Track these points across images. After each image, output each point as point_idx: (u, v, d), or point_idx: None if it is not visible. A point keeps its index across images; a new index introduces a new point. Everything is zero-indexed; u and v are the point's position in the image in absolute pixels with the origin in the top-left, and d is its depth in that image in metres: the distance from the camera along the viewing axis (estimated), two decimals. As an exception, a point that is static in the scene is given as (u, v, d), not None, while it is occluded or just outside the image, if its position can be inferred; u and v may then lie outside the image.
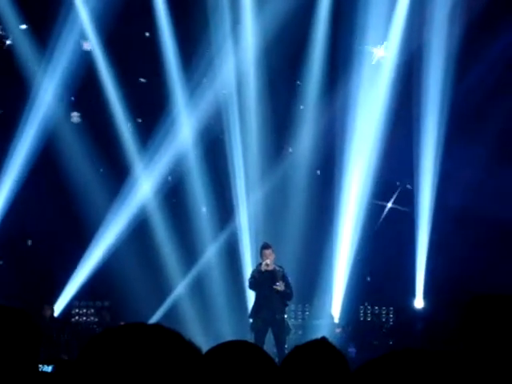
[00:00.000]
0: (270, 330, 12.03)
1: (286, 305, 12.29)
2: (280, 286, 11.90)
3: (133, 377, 1.43)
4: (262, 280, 12.00)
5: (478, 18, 15.35)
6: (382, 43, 16.02)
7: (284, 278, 12.11)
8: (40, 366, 5.10)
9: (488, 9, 15.41)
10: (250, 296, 12.78)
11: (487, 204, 15.51)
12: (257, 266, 12.48)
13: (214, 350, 2.29)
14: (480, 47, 15.60)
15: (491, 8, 15.42)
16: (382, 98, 16.06)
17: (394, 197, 16.42)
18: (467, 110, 15.86)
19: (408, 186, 16.15)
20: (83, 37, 16.07)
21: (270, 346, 11.85)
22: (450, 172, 15.83)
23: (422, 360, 1.53)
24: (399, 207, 16.30)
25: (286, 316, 12.36)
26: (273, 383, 2.26)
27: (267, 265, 11.98)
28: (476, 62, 15.72)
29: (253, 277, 12.19)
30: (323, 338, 3.04)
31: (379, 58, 16.09)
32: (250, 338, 11.39)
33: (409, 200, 16.19)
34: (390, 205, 16.48)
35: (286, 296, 12.09)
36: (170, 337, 1.50)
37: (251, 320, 12.23)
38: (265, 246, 12.34)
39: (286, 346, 11.66)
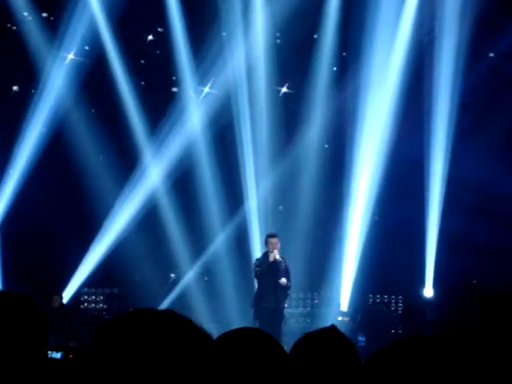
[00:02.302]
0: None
1: (287, 295, 12.42)
2: (284, 282, 12.01)
3: (144, 362, 1.42)
4: (268, 269, 12.06)
5: (488, 10, 15.28)
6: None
7: (287, 270, 12.23)
8: (49, 352, 5.10)
9: (498, 4, 15.35)
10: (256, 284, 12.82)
11: (499, 196, 15.48)
12: (262, 255, 12.51)
13: (224, 337, 2.28)
14: (491, 39, 15.53)
15: (501, 3, 15.37)
16: (393, 88, 16.01)
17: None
18: (477, 100, 15.81)
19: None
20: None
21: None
22: (461, 163, 15.79)
23: (432, 346, 1.51)
24: None
25: (286, 306, 12.48)
26: (283, 370, 2.25)
27: (277, 253, 12.06)
28: (487, 54, 15.66)
29: (259, 266, 12.22)
30: (332, 326, 3.04)
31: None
32: (255, 325, 11.42)
33: (420, 189, 16.15)
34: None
35: (287, 288, 12.27)
36: (181, 322, 1.48)
37: (254, 308, 12.29)
38: (271, 235, 12.39)
39: (282, 335, 11.66)
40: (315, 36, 16.53)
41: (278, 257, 12.11)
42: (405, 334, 14.88)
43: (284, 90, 16.71)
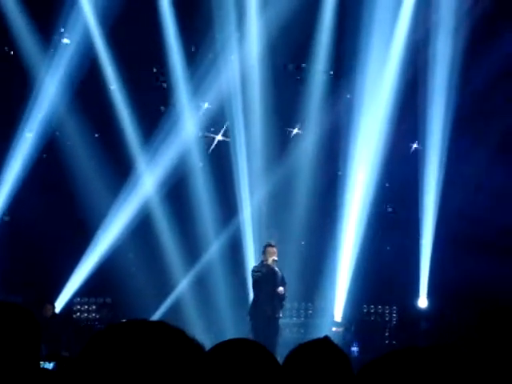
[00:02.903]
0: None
1: (283, 306, 12.49)
2: (282, 291, 12.07)
3: (136, 373, 1.41)
4: (267, 277, 12.11)
5: (484, 17, 15.35)
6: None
7: (283, 279, 12.32)
8: (41, 362, 5.08)
9: (494, 8, 15.40)
10: (252, 292, 12.83)
11: (493, 203, 15.51)
12: (260, 263, 12.57)
13: (216, 348, 2.27)
14: (487, 45, 15.58)
15: (498, 8, 15.41)
16: (388, 95, 16.04)
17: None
18: (472, 104, 15.85)
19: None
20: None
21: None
22: (455, 170, 15.83)
23: (426, 357, 1.51)
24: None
25: (281, 316, 12.53)
26: (275, 381, 2.24)
27: (274, 260, 12.14)
28: (483, 59, 15.71)
29: (259, 271, 12.27)
30: (326, 337, 3.04)
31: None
32: (250, 336, 11.41)
33: (414, 196, 16.16)
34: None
35: (283, 298, 12.37)
36: (173, 334, 1.48)
37: (250, 317, 12.31)
38: (270, 244, 12.49)
39: (277, 346, 11.64)
40: (310, 43, 16.55)
41: (274, 265, 12.21)
42: (399, 344, 14.88)
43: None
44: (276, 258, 12.25)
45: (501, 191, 15.72)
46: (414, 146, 16.71)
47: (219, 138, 16.63)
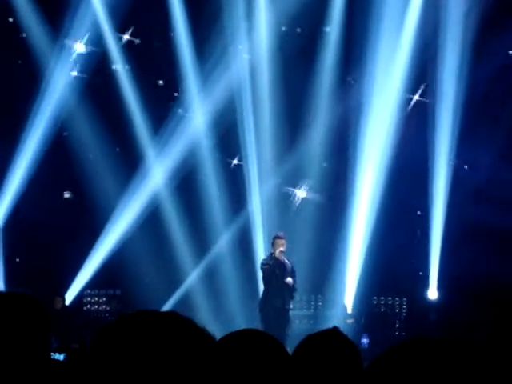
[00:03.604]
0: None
1: (293, 297, 12.48)
2: (291, 281, 12.09)
3: (148, 364, 1.41)
4: (275, 269, 12.13)
5: (493, 11, 15.29)
6: None
7: (293, 271, 12.33)
8: (52, 354, 5.10)
9: (502, 5, 15.34)
10: (262, 285, 12.84)
11: (503, 198, 15.47)
12: (269, 255, 12.59)
13: (227, 338, 2.27)
14: (496, 40, 15.52)
15: (505, 4, 15.36)
16: (397, 89, 16.01)
17: None
18: (482, 100, 15.80)
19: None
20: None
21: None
22: (466, 165, 15.80)
23: (438, 349, 1.50)
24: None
25: (291, 307, 12.54)
26: (285, 372, 2.24)
27: (281, 252, 12.15)
28: (492, 54, 15.65)
29: (267, 264, 12.29)
30: (335, 328, 3.04)
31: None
32: (260, 328, 11.41)
33: (423, 193, 16.12)
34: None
35: (293, 290, 12.27)
36: (184, 324, 1.48)
37: (260, 310, 12.33)
38: (279, 236, 12.49)
39: (287, 338, 11.64)
40: (319, 39, 16.50)
41: (283, 257, 12.23)
42: (408, 336, 14.86)
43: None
44: (283, 249, 12.26)
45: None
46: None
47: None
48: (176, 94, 16.79)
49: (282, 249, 12.25)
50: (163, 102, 16.56)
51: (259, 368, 2.18)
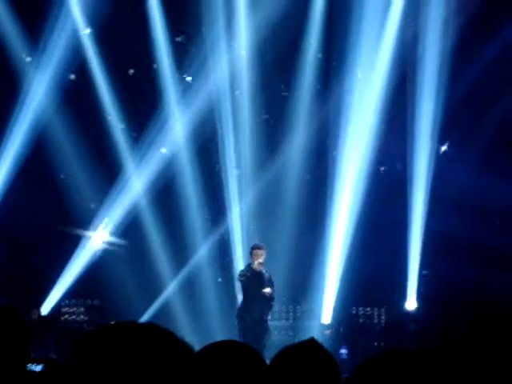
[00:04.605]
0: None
1: (271, 307, 12.50)
2: (269, 292, 12.11)
3: (126, 375, 1.41)
4: (253, 280, 12.13)
5: (473, 17, 15.42)
6: None
7: (270, 281, 12.34)
8: (29, 365, 5.05)
9: (484, 8, 15.46)
10: (240, 296, 12.84)
11: (482, 206, 15.58)
12: (247, 266, 12.60)
13: (205, 350, 2.27)
14: (477, 44, 15.63)
15: (487, 7, 15.47)
16: (376, 97, 16.08)
17: None
18: (462, 106, 15.91)
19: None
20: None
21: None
22: (444, 173, 15.88)
23: (414, 360, 1.51)
24: None
25: (269, 318, 12.55)
26: (264, 383, 2.25)
27: (260, 263, 12.14)
28: (472, 59, 15.77)
29: (244, 275, 12.28)
30: (312, 339, 3.04)
31: None
32: (238, 339, 11.41)
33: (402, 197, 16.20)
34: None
35: (271, 300, 12.36)
36: (163, 335, 1.48)
37: (238, 320, 12.33)
38: (257, 247, 12.48)
39: (265, 349, 11.64)
40: (299, 48, 16.57)
41: (261, 268, 12.22)
42: (387, 346, 14.90)
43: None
44: (261, 261, 12.24)
45: (492, 192, 15.78)
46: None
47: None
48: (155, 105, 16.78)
49: (260, 260, 12.23)
50: (143, 111, 16.53)
51: (238, 379, 2.19)
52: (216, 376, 2.16)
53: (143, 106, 16.56)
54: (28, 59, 15.95)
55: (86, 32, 15.96)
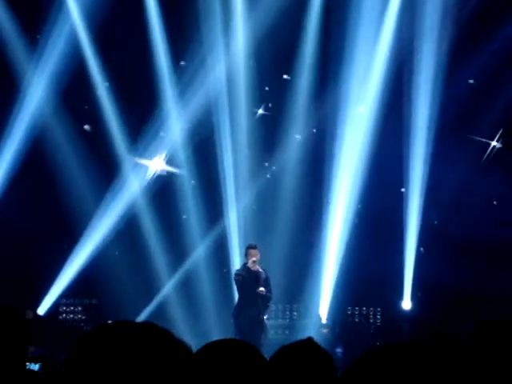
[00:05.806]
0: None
1: (267, 306, 12.50)
2: (263, 291, 12.09)
3: (124, 375, 1.42)
4: (248, 279, 12.14)
5: (468, 21, 15.43)
6: None
7: (267, 281, 12.34)
8: (27, 364, 5.04)
9: (478, 12, 15.47)
10: (237, 296, 12.84)
11: (477, 209, 15.60)
12: (242, 266, 12.62)
13: (204, 349, 2.28)
14: (471, 49, 15.65)
15: (481, 11, 15.48)
16: (373, 101, 16.08)
17: None
18: (457, 111, 15.92)
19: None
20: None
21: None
22: (440, 175, 15.89)
23: (408, 354, 1.52)
24: None
25: (266, 317, 12.56)
26: (266, 381, 2.25)
27: (254, 262, 12.15)
28: (467, 64, 15.78)
29: (240, 275, 12.30)
30: (309, 338, 3.04)
31: None
32: (235, 337, 11.42)
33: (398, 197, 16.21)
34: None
35: (267, 298, 12.29)
36: (161, 335, 1.49)
37: (234, 319, 12.33)
38: (251, 246, 12.51)
39: (262, 348, 11.64)
40: (295, 50, 16.56)
41: (257, 267, 12.24)
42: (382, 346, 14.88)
43: (260, 111, 16.67)
44: (255, 259, 12.25)
45: (488, 194, 15.81)
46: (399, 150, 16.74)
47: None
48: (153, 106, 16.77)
49: (254, 259, 12.25)
50: (141, 113, 16.51)
51: (238, 378, 2.19)
52: (216, 376, 2.17)
53: (141, 107, 16.54)
54: (27, 60, 15.92)
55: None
